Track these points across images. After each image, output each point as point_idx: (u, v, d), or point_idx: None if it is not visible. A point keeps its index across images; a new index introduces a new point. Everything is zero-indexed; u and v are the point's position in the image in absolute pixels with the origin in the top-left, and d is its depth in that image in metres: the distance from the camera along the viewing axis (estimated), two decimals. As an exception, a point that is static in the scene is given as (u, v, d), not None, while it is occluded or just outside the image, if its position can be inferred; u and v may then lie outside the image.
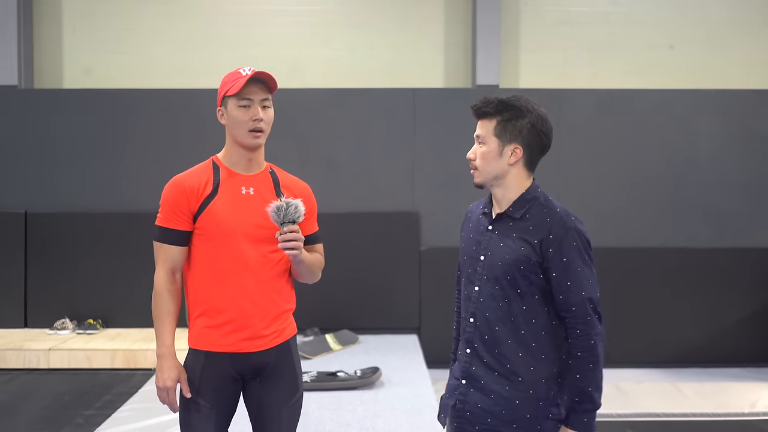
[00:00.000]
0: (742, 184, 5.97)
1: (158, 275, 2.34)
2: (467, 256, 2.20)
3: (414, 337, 5.80)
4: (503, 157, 2.10)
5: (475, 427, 2.12)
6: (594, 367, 2.03)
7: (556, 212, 2.09)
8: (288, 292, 2.42)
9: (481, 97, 2.16)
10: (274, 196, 2.35)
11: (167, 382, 2.28)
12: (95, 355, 5.28)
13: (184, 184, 2.34)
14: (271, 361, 2.35)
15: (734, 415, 4.73)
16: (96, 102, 6.00)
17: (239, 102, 2.29)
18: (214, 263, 2.31)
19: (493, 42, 6.07)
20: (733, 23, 6.33)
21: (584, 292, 2.04)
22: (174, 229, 2.31)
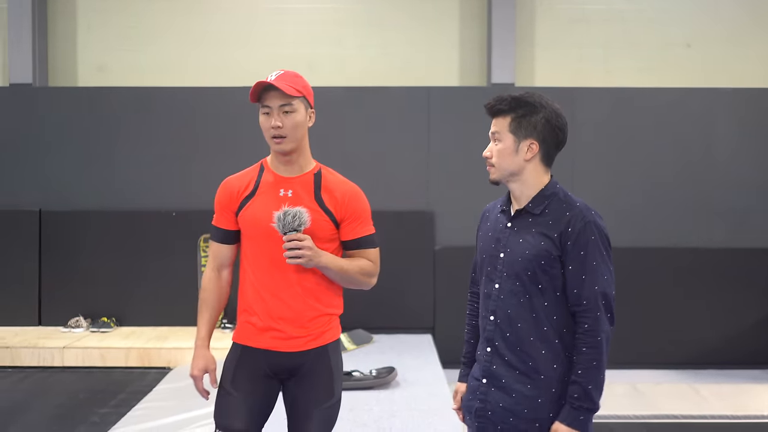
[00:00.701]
0: (759, 184, 5.90)
1: (206, 271, 2.46)
2: (486, 255, 2.19)
3: (428, 336, 5.77)
4: (519, 154, 2.09)
5: (497, 426, 2.10)
6: (597, 365, 2.00)
7: (576, 206, 2.08)
8: (329, 297, 2.39)
9: (495, 95, 2.16)
10: (312, 198, 2.34)
11: (194, 371, 2.39)
12: (109, 354, 5.28)
13: (229, 184, 2.43)
14: (306, 363, 2.35)
15: (754, 417, 4.67)
16: (111, 100, 6.00)
17: (261, 109, 2.33)
18: (252, 262, 2.36)
19: (508, 40, 6.04)
20: (750, 21, 6.27)
21: (597, 287, 2.02)
22: (220, 227, 2.42)
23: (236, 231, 2.41)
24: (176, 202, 5.96)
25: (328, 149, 5.89)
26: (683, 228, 5.87)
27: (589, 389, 2.00)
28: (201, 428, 3.75)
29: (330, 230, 2.35)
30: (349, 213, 2.37)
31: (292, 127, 2.30)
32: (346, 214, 2.37)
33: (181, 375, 4.82)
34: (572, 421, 2.01)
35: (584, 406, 2.01)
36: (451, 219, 5.88)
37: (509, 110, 2.09)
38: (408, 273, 5.89)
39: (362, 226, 2.41)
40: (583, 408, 2.01)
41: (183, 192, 5.97)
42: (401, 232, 5.88)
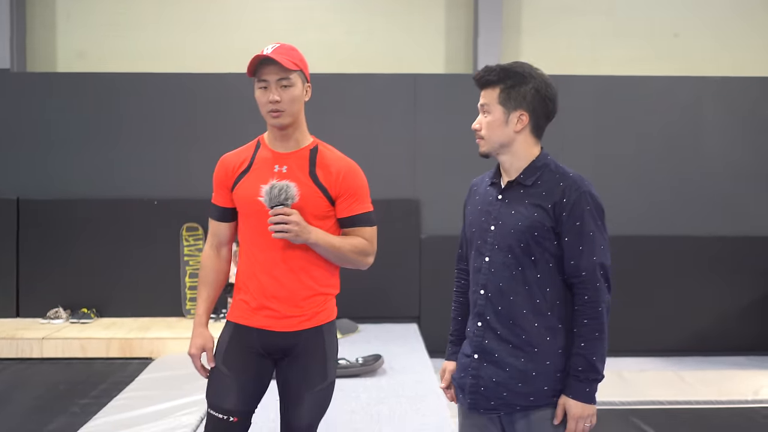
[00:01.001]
0: (746, 172, 5.95)
1: (204, 249, 2.45)
2: (476, 228, 2.15)
3: (414, 326, 5.74)
4: (509, 125, 2.06)
5: (490, 402, 2.07)
6: (600, 335, 1.99)
7: (570, 176, 2.06)
8: (324, 276, 2.33)
9: (482, 68, 2.12)
10: (307, 174, 2.28)
11: (191, 350, 2.36)
12: (90, 344, 5.19)
13: (226, 160, 2.40)
14: (300, 344, 2.30)
15: (737, 402, 4.72)
16: (90, 86, 5.89)
17: (258, 84, 2.27)
18: (246, 240, 2.34)
19: (494, 27, 6.00)
20: (736, 11, 6.29)
21: (596, 257, 2.00)
22: (217, 205, 2.40)
23: (234, 209, 2.38)
24: (158, 191, 5.87)
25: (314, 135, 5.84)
26: (669, 216, 5.89)
27: (594, 360, 1.99)
28: (184, 416, 3.70)
29: (324, 207, 2.29)
30: (345, 190, 2.31)
31: (290, 101, 2.25)
32: (342, 190, 2.30)
33: (164, 365, 4.76)
34: (579, 393, 1.99)
35: (590, 378, 1.99)
36: (437, 207, 5.85)
37: (498, 81, 2.05)
38: (394, 262, 5.84)
39: (358, 204, 2.34)
40: (589, 379, 1.99)
41: (165, 180, 5.88)
42: (387, 220, 5.81)
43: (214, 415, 2.30)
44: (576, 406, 1.99)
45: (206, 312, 2.38)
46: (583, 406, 1.99)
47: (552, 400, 2.03)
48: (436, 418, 3.63)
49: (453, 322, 2.34)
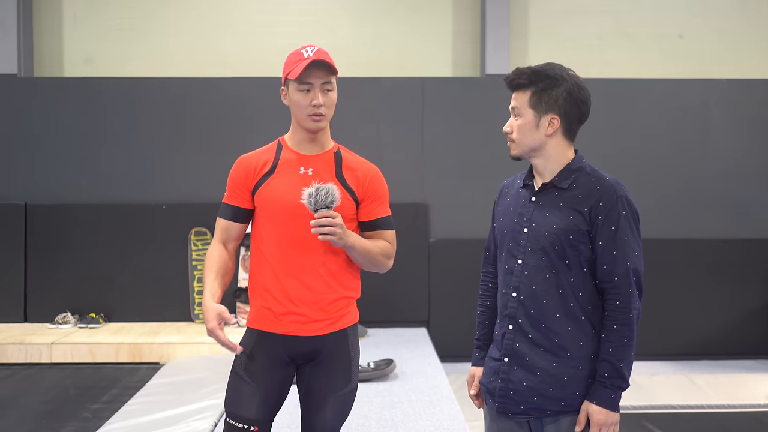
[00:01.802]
0: (755, 174, 5.94)
1: (211, 245, 2.37)
2: (507, 230, 2.13)
3: (423, 330, 5.72)
4: (540, 129, 2.04)
5: (519, 406, 2.05)
6: (628, 342, 1.97)
7: (606, 180, 2.04)
8: (348, 279, 2.33)
9: (514, 70, 2.09)
10: (333, 177, 2.29)
11: (209, 324, 2.19)
12: (99, 349, 5.17)
13: (246, 161, 2.35)
14: (325, 348, 2.28)
15: (750, 406, 4.71)
16: (98, 91, 5.89)
17: (300, 86, 2.24)
18: (269, 243, 2.28)
19: (502, 31, 6.00)
20: (740, 13, 6.30)
21: (629, 263, 1.98)
22: (230, 204, 2.34)
23: (248, 210, 2.34)
24: (166, 195, 5.87)
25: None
26: (679, 219, 5.89)
27: (621, 367, 1.96)
28: (198, 422, 3.68)
29: (351, 209, 2.29)
30: (370, 193, 2.32)
31: (331, 105, 2.28)
32: (367, 194, 2.32)
33: (175, 369, 4.74)
34: (604, 400, 1.96)
35: (616, 384, 1.97)
36: (446, 211, 5.84)
37: (529, 84, 2.03)
38: (402, 266, 5.77)
39: (382, 207, 2.36)
40: (615, 386, 1.97)
41: (173, 185, 5.87)
42: (396, 224, 5.81)
43: (234, 425, 2.26)
44: (600, 412, 1.96)
45: (214, 293, 2.23)
46: (607, 413, 1.96)
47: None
48: (451, 422, 3.60)
49: (479, 326, 2.30)
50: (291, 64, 2.27)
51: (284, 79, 2.30)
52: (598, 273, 2.01)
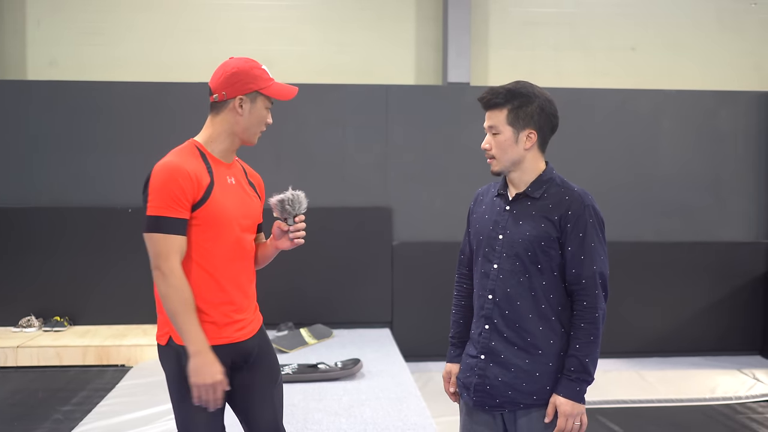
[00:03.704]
0: (702, 181, 6.21)
1: (171, 268, 2.13)
2: (483, 236, 2.26)
3: (387, 331, 5.85)
4: (519, 144, 2.18)
5: (495, 399, 2.20)
6: (594, 340, 2.11)
7: (574, 191, 2.19)
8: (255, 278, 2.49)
9: (487, 89, 2.23)
10: (247, 184, 2.41)
11: (216, 376, 2.12)
12: (66, 352, 5.18)
13: (188, 169, 2.18)
14: (257, 348, 2.38)
15: (696, 400, 4.94)
16: (63, 94, 5.87)
17: (268, 104, 2.34)
18: (211, 254, 2.22)
19: (463, 40, 6.18)
20: (690, 27, 6.58)
21: (596, 267, 2.13)
22: (179, 218, 2.15)
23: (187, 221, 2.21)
24: (132, 199, 5.87)
25: (288, 146, 5.93)
26: (630, 222, 6.10)
27: (586, 362, 2.11)
28: (172, 421, 3.75)
29: None
30: (262, 195, 2.51)
31: None
32: (262, 196, 2.50)
33: (144, 371, 4.79)
34: (570, 392, 2.12)
35: (581, 378, 2.12)
36: (408, 215, 5.98)
37: (505, 102, 2.17)
38: (366, 268, 5.97)
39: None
40: (580, 380, 2.12)
41: (139, 188, 5.84)
42: (360, 227, 5.96)
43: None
44: (566, 404, 2.11)
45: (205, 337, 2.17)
46: (573, 405, 2.11)
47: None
48: (417, 418, 3.75)
49: (454, 325, 2.44)
50: (263, 80, 2.27)
51: (250, 90, 2.26)
52: (568, 276, 2.16)
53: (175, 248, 2.14)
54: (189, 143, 2.30)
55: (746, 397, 4.98)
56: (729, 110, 6.22)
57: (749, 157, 6.24)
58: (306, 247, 4.54)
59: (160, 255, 2.13)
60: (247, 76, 2.28)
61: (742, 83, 6.57)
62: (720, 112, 6.22)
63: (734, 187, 6.24)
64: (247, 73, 2.28)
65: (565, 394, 2.12)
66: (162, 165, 2.20)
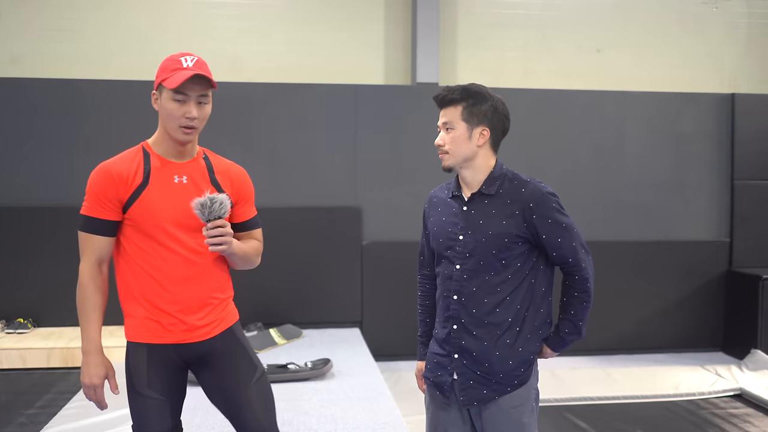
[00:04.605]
0: (666, 182, 6.33)
1: (83, 267, 2.23)
2: (443, 239, 2.30)
3: (356, 330, 5.86)
4: (472, 140, 2.24)
5: (482, 391, 2.25)
6: (587, 305, 2.28)
7: (529, 183, 2.25)
8: (225, 281, 2.38)
9: (442, 88, 2.29)
10: (208, 183, 2.30)
11: (94, 380, 2.21)
12: (30, 355, 5.09)
13: (112, 171, 2.21)
14: (217, 349, 2.32)
15: (660, 396, 5.05)
16: (25, 91, 5.75)
17: (175, 96, 2.19)
18: (148, 254, 2.23)
19: (432, 40, 6.21)
20: (654, 30, 6.69)
21: (575, 242, 2.24)
22: (100, 218, 2.21)
23: (118, 222, 2.25)
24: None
25: (257, 145, 5.90)
26: (596, 222, 6.19)
27: (580, 325, 2.28)
28: (140, 423, 3.71)
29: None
30: (243, 195, 2.37)
31: (203, 119, 2.26)
32: (241, 196, 2.37)
33: (110, 373, 4.72)
34: (557, 346, 2.32)
35: (572, 339, 2.29)
36: (378, 215, 5.99)
37: (461, 99, 2.23)
38: (336, 268, 5.96)
39: (251, 208, 2.44)
40: (570, 340, 2.29)
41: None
42: (329, 227, 5.95)
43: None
44: (551, 354, 2.34)
45: (100, 337, 2.24)
46: (552, 353, 2.34)
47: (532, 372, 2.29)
48: (388, 417, 3.76)
49: (421, 324, 2.50)
50: (167, 71, 2.21)
51: (157, 84, 2.24)
52: (552, 260, 2.25)
53: (90, 248, 2.23)
54: (139, 145, 2.32)
55: (709, 393, 5.10)
56: (692, 111, 6.35)
57: (711, 158, 6.38)
58: (275, 247, 4.51)
59: (81, 252, 2.26)
60: (159, 71, 2.25)
61: (705, 85, 6.71)
62: (683, 114, 6.35)
63: (697, 187, 6.37)
64: (161, 67, 2.26)
65: (554, 347, 2.32)
66: (96, 167, 2.27)
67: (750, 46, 6.80)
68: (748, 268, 6.21)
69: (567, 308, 2.28)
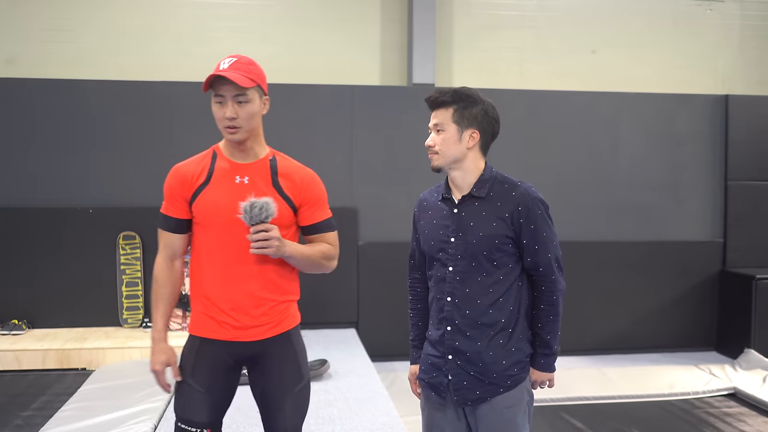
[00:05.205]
0: (660, 182, 6.36)
1: (157, 261, 2.39)
2: (434, 241, 2.32)
3: (352, 331, 5.87)
4: (462, 142, 2.26)
5: (475, 391, 2.28)
6: (554, 318, 2.29)
7: (518, 186, 2.28)
8: (287, 284, 2.38)
9: (434, 90, 2.31)
10: (269, 184, 2.30)
11: (155, 365, 2.33)
12: (25, 356, 5.08)
13: (180, 171, 2.35)
14: (269, 351, 2.33)
15: (655, 396, 5.07)
16: (22, 92, 5.73)
17: (214, 98, 2.26)
18: (209, 252, 2.31)
19: (428, 41, 6.22)
20: (648, 31, 6.72)
21: (550, 255, 2.27)
22: (171, 216, 2.35)
23: (188, 220, 2.35)
24: (93, 199, 5.79)
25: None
26: (591, 222, 6.22)
27: (548, 339, 2.29)
28: (138, 425, 3.70)
29: (289, 216, 2.32)
30: (308, 198, 2.35)
31: (247, 118, 2.25)
32: (305, 199, 2.35)
33: (107, 375, 4.71)
34: (537, 363, 2.34)
35: (545, 352, 2.30)
36: (374, 215, 6.00)
37: (452, 102, 2.25)
38: (332, 269, 5.95)
39: (321, 211, 2.40)
40: (544, 354, 2.30)
41: (101, 188, 5.80)
42: (328, 227, 5.94)
43: (186, 429, 2.31)
44: (534, 372, 2.34)
45: (165, 326, 2.35)
46: (539, 373, 2.34)
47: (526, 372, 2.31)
48: (386, 418, 3.77)
49: (413, 327, 2.51)
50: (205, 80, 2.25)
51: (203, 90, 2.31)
52: (525, 264, 2.27)
53: (163, 243, 2.38)
54: (212, 147, 2.42)
55: (703, 392, 5.12)
56: (686, 112, 6.38)
57: (705, 159, 6.41)
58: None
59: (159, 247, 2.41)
60: None
61: (699, 86, 6.74)
62: (677, 115, 6.38)
63: (691, 188, 6.40)
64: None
65: (534, 365, 2.34)
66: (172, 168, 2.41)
67: (744, 48, 6.84)
68: (742, 268, 6.25)
69: (535, 321, 2.31)
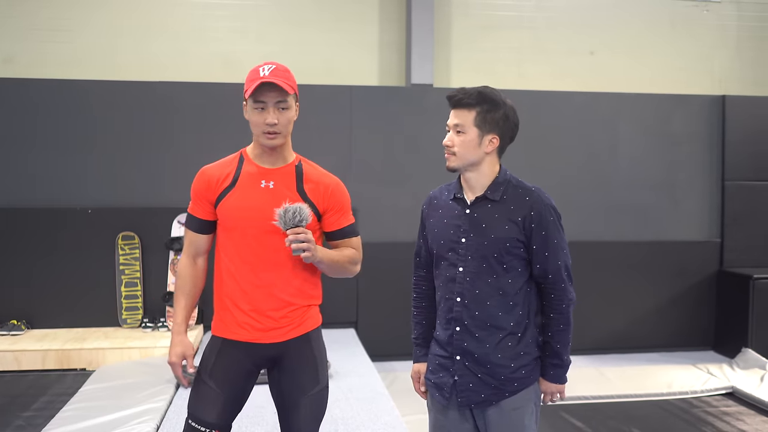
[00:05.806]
0: (657, 182, 6.39)
1: (182, 258, 2.46)
2: (444, 241, 2.31)
3: (352, 330, 5.88)
4: (482, 146, 2.25)
5: (480, 395, 2.27)
6: (564, 327, 2.26)
7: (533, 192, 2.28)
8: (310, 288, 2.41)
9: (457, 89, 2.29)
10: (294, 190, 2.35)
11: (172, 357, 2.38)
12: (24, 357, 5.06)
13: (207, 174, 2.42)
14: (288, 353, 2.36)
15: (653, 395, 5.10)
16: (20, 91, 5.72)
17: (254, 105, 2.30)
18: (233, 254, 2.35)
19: (427, 42, 6.23)
20: (646, 32, 6.75)
21: (560, 262, 2.26)
22: (197, 216, 2.42)
23: (213, 221, 2.41)
24: (92, 199, 5.79)
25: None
26: (590, 222, 6.24)
27: (558, 348, 2.26)
28: (140, 425, 3.70)
29: (313, 222, 2.35)
30: (332, 204, 2.40)
31: (286, 124, 2.32)
32: (329, 205, 2.40)
33: (107, 375, 4.71)
34: (547, 374, 2.28)
35: (554, 362, 2.26)
36: (373, 215, 5.99)
37: (475, 104, 2.23)
38: (331, 269, 5.96)
39: (345, 217, 2.45)
40: (554, 364, 2.27)
41: (99, 188, 5.80)
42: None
43: (195, 427, 2.34)
44: (544, 383, 2.31)
45: (185, 320, 2.40)
46: (549, 384, 2.30)
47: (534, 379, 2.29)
48: (388, 417, 3.79)
49: (417, 326, 2.49)
50: (248, 82, 2.30)
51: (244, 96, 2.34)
52: (534, 271, 2.26)
53: (187, 242, 2.46)
54: (239, 151, 2.47)
55: (701, 392, 5.16)
56: (683, 113, 6.41)
57: (702, 159, 6.45)
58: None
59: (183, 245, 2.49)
60: (245, 83, 2.35)
61: (696, 87, 6.78)
62: (675, 115, 6.41)
63: (688, 188, 6.43)
64: (246, 79, 2.35)
65: (543, 375, 2.31)
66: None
67: (740, 49, 6.88)
68: (739, 268, 6.28)
69: (546, 330, 2.29)
